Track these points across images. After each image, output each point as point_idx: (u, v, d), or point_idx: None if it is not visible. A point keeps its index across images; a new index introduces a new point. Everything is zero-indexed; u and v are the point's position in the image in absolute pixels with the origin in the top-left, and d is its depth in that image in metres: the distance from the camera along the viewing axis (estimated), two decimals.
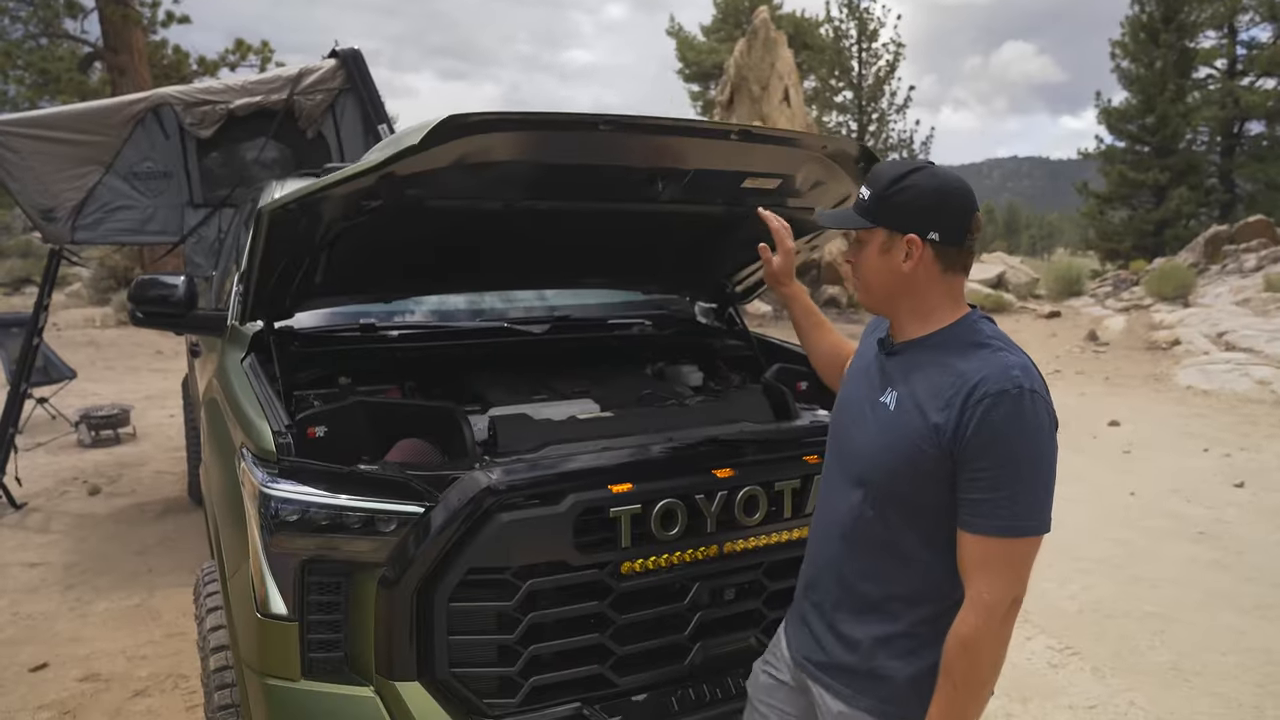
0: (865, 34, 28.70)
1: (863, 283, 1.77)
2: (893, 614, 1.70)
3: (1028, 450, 1.55)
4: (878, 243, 1.70)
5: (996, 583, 1.54)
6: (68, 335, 14.75)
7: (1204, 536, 5.63)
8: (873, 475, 1.70)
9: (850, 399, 1.85)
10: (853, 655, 1.74)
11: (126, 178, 5.58)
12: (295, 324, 2.93)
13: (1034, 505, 1.55)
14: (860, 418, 1.77)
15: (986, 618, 1.54)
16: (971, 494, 1.56)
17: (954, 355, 1.64)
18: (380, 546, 1.99)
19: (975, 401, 1.54)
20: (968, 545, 1.58)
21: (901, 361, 1.73)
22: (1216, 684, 3.79)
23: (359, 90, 5.97)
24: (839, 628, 1.77)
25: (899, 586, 1.70)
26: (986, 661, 1.57)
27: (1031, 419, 1.55)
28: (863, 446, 1.73)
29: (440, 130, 1.97)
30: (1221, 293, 15.66)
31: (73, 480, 6.98)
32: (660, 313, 3.68)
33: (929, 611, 1.67)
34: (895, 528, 1.68)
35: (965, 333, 1.69)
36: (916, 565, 1.68)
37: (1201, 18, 28.80)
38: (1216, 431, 8.60)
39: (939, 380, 1.62)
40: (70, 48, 17.38)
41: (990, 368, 1.58)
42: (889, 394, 1.71)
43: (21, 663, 3.99)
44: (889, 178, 1.68)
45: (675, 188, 2.55)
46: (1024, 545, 1.56)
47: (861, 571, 1.74)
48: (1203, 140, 30.18)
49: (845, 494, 1.76)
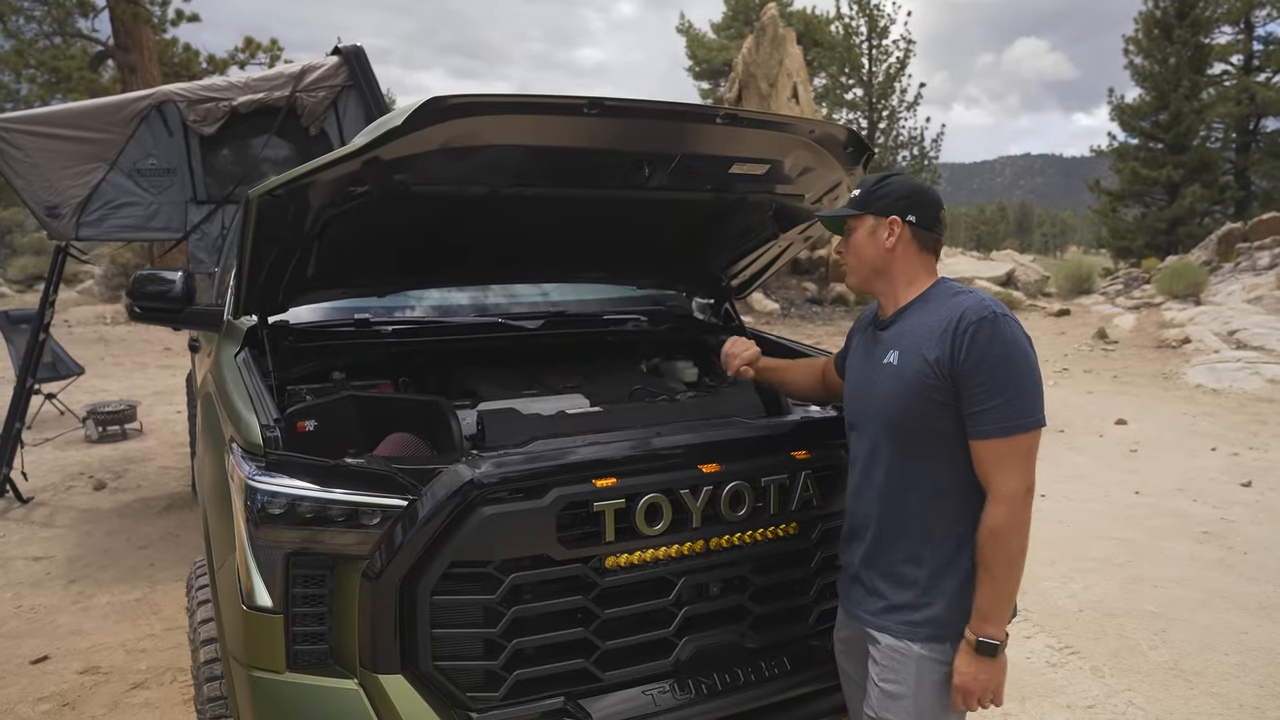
0: (876, 31, 28.62)
1: (853, 263, 2.09)
2: (936, 544, 1.96)
3: (1011, 360, 1.84)
4: (866, 227, 2.05)
5: (1011, 476, 1.84)
6: (78, 332, 14.87)
7: (1209, 536, 5.59)
8: (896, 421, 1.96)
9: (856, 379, 2.14)
10: (908, 592, 1.98)
11: (130, 174, 5.61)
12: (290, 319, 2.94)
13: (1028, 404, 1.84)
14: (871, 385, 2.05)
15: (1009, 507, 1.83)
16: (975, 406, 1.85)
17: (936, 305, 1.97)
18: (364, 539, 1.99)
19: (961, 331, 1.85)
20: (982, 451, 1.86)
21: (895, 328, 2.03)
22: (1217, 684, 3.76)
23: (361, 87, 5.98)
24: (893, 570, 2.01)
25: (937, 520, 1.96)
26: (1016, 545, 1.85)
27: (1009, 335, 1.86)
28: (881, 403, 2.00)
29: (423, 112, 1.97)
30: (1234, 291, 15.55)
31: (79, 475, 7.03)
32: (656, 308, 3.67)
33: (961, 531, 1.93)
34: (924, 462, 1.95)
35: (943, 290, 2.03)
36: (949, 495, 1.94)
37: (1217, 13, 28.58)
38: (1225, 430, 8.54)
39: (929, 325, 1.93)
40: (82, 46, 17.50)
41: (968, 302, 1.91)
42: (891, 354, 2.00)
43: (23, 655, 4.02)
44: (874, 179, 2.05)
45: (663, 174, 2.55)
46: (1028, 439, 1.85)
47: (903, 514, 2.00)
48: (1217, 137, 29.94)
49: (875, 455, 2.03)
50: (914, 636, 1.96)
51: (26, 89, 17.85)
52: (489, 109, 2.10)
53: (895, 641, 1.98)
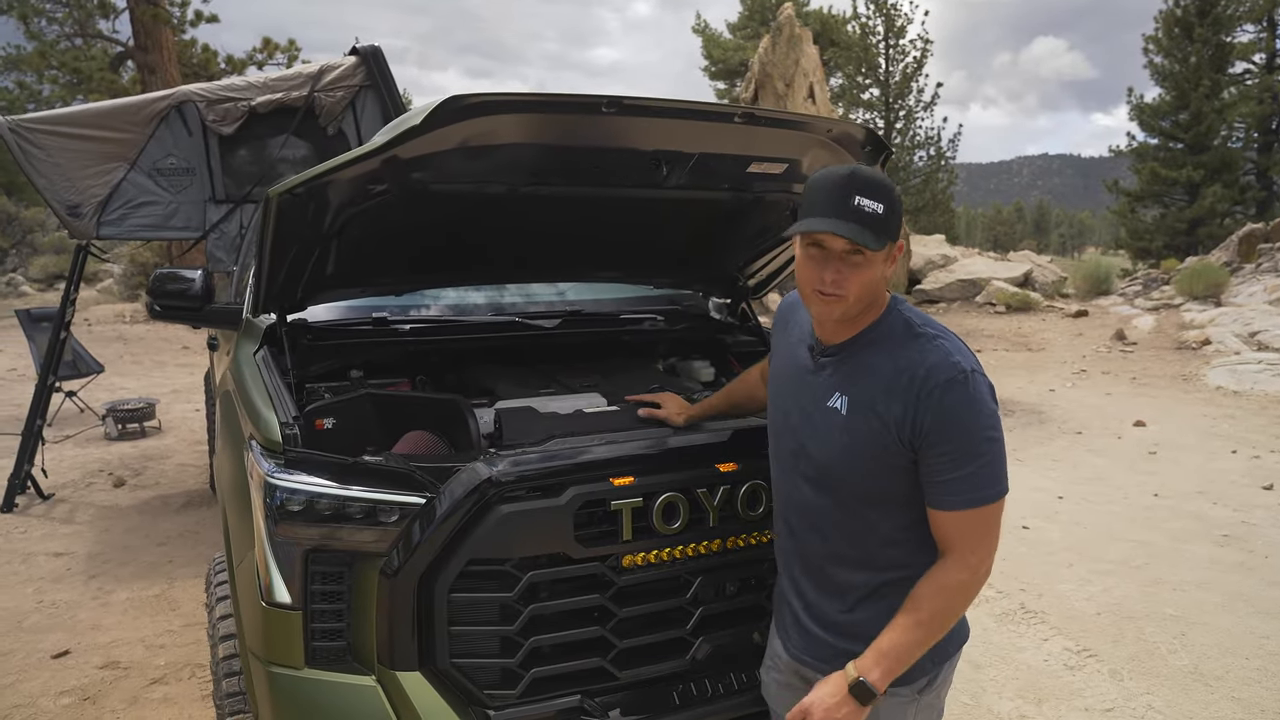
0: (892, 30, 28.46)
1: (858, 294, 1.70)
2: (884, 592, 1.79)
3: (980, 426, 1.66)
4: (883, 254, 1.69)
5: (979, 546, 1.69)
6: (98, 330, 15.00)
7: (1229, 539, 5.53)
8: (841, 478, 1.77)
9: (789, 405, 1.90)
10: (856, 641, 1.78)
11: (150, 174, 5.66)
12: (308, 317, 2.96)
13: (995, 474, 1.67)
14: (810, 424, 1.82)
15: (972, 575, 1.69)
16: (939, 476, 1.67)
17: (895, 348, 1.73)
18: (382, 537, 2.00)
19: (926, 393, 1.65)
20: (945, 522, 1.70)
21: (841, 363, 1.79)
22: (1239, 689, 3.72)
23: (379, 87, 6.00)
24: (838, 620, 1.84)
25: (885, 568, 1.80)
26: (960, 610, 1.72)
27: (978, 397, 1.66)
28: (823, 453, 1.79)
29: (442, 111, 1.98)
30: (1255, 292, 15.38)
31: (99, 472, 7.09)
32: (673, 307, 3.67)
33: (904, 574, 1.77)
34: (872, 519, 1.78)
35: (897, 324, 1.77)
36: (897, 544, 1.78)
37: (1239, 11, 28.26)
38: (1246, 433, 8.45)
39: (885, 371, 1.71)
40: (102, 47, 17.65)
41: (933, 357, 1.68)
42: (837, 398, 1.77)
43: (45, 649, 4.06)
44: (894, 191, 1.68)
45: (680, 173, 2.55)
46: (994, 509, 1.69)
47: (847, 563, 1.83)
48: (1238, 137, 29.61)
49: (811, 497, 1.84)
50: None
51: (49, 89, 18.05)
52: (507, 108, 2.10)
53: None
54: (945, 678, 1.89)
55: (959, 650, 1.92)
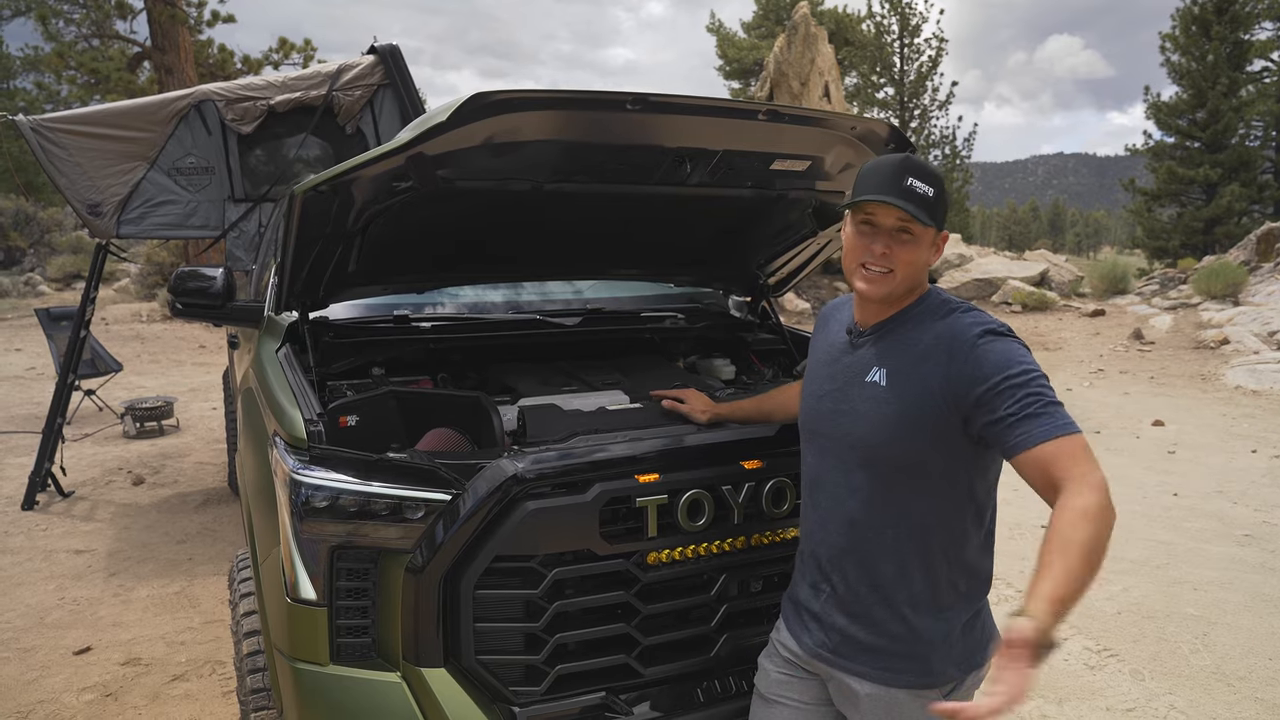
0: (907, 29, 28.39)
1: (905, 273, 1.77)
2: (915, 585, 1.78)
3: (1022, 361, 1.66)
4: (929, 238, 1.78)
5: (1090, 465, 1.57)
6: (115, 329, 15.09)
7: (1250, 539, 5.49)
8: (881, 451, 1.77)
9: (823, 392, 1.91)
10: (882, 637, 1.80)
11: (169, 173, 5.69)
12: (330, 315, 2.97)
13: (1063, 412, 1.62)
14: (847, 401, 1.83)
15: (1102, 491, 1.54)
16: (1021, 412, 1.61)
17: (931, 320, 1.79)
18: (408, 533, 2.01)
19: (969, 346, 1.68)
20: (1043, 454, 1.58)
21: (879, 340, 1.83)
22: (1261, 689, 3.69)
23: (397, 86, 6.01)
24: (867, 612, 1.82)
25: (916, 557, 1.78)
26: (1106, 532, 1.53)
27: (1017, 345, 1.71)
28: (862, 429, 1.79)
29: (467, 108, 1.98)
30: (1274, 291, 15.24)
31: (118, 470, 7.14)
32: (693, 306, 3.66)
33: (947, 573, 1.78)
34: (907, 499, 1.77)
35: (934, 302, 1.83)
36: (930, 533, 1.77)
37: (1258, 8, 28.01)
38: (1265, 432, 8.38)
39: (923, 341, 1.76)
40: (120, 48, 17.76)
41: (968, 319, 1.75)
42: (876, 372, 1.79)
43: (67, 645, 4.09)
44: (944, 181, 1.79)
45: (704, 170, 2.54)
46: (1082, 438, 1.61)
47: (878, 552, 1.80)
48: (1256, 135, 29.32)
49: (848, 484, 1.82)
50: (896, 683, 1.79)
51: (67, 90, 18.18)
52: (532, 104, 2.10)
53: (876, 688, 1.80)
54: (971, 686, 1.88)
55: (985, 665, 1.88)
